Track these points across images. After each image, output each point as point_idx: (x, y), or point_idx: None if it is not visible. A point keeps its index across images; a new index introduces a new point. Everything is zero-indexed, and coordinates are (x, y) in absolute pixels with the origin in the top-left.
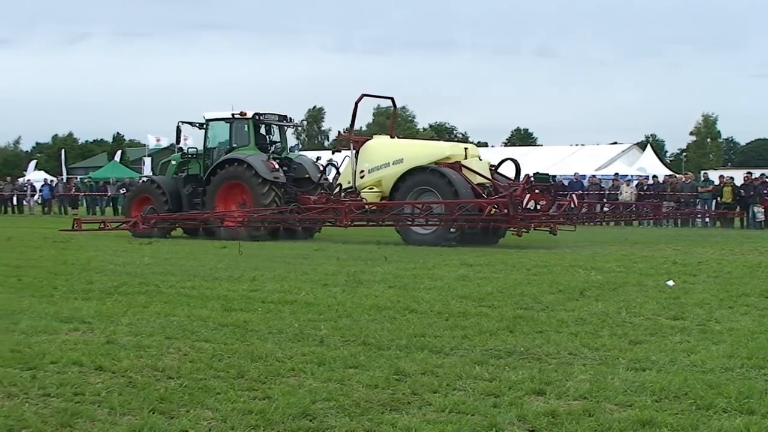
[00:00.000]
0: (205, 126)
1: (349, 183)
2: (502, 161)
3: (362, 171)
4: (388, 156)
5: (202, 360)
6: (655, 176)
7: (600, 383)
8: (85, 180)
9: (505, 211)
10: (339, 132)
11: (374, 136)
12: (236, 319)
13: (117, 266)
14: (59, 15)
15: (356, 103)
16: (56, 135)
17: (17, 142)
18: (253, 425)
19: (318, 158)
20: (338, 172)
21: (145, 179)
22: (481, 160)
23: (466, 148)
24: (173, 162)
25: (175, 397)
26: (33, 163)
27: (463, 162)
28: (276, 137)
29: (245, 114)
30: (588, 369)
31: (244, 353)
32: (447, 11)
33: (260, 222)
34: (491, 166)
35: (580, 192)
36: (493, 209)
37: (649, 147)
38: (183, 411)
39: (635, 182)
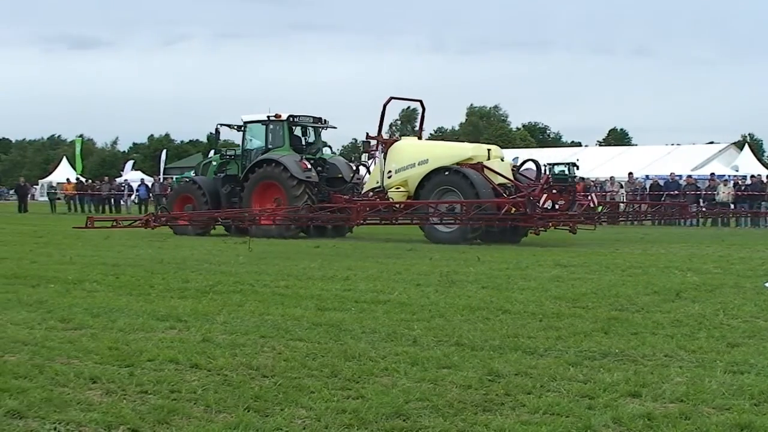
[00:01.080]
0: (242, 128)
1: (378, 183)
2: (524, 162)
3: (390, 171)
4: (414, 157)
5: (297, 359)
6: (753, 176)
7: (697, 386)
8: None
9: (524, 210)
10: (367, 134)
11: (402, 137)
12: (330, 319)
13: (212, 265)
14: (158, 17)
15: (384, 106)
16: (152, 135)
17: (115, 142)
18: (346, 424)
19: (351, 159)
20: (368, 172)
21: (187, 180)
22: (503, 161)
23: (489, 150)
24: (213, 163)
25: (269, 395)
26: (130, 163)
27: (485, 163)
28: (311, 138)
29: (280, 116)
30: (684, 371)
31: (338, 352)
32: (542, 11)
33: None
34: (513, 167)
35: (676, 192)
36: (512, 209)
37: (746, 146)
38: (277, 409)
39: (732, 182)
